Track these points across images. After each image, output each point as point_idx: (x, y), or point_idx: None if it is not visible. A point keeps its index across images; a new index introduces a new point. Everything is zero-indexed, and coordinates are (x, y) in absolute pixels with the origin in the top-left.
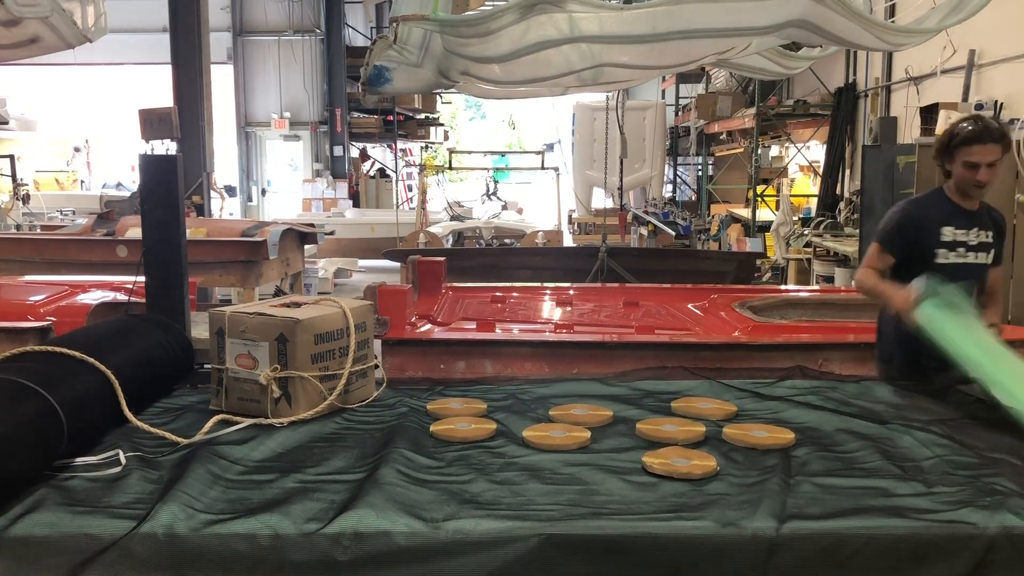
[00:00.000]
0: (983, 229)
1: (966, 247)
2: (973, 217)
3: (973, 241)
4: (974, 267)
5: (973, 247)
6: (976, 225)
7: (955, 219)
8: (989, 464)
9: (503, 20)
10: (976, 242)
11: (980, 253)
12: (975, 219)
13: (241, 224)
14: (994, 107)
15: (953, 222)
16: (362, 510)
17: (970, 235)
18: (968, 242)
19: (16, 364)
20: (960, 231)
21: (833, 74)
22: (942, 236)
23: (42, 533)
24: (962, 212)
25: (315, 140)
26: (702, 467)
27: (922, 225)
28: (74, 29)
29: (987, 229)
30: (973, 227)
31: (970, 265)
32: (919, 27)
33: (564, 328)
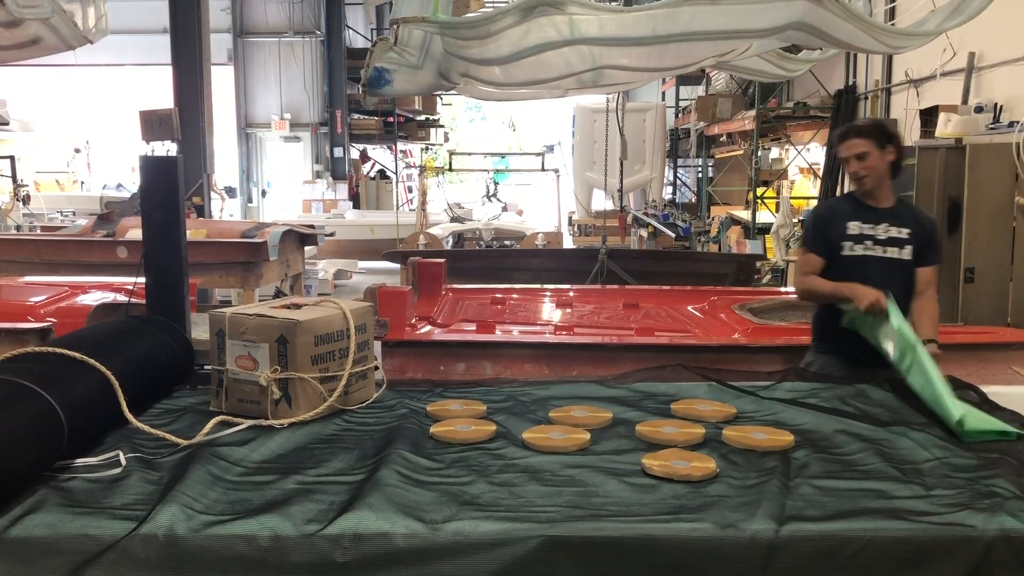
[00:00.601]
0: (895, 225)
1: (874, 240)
2: (883, 213)
3: (882, 235)
4: (886, 261)
5: (882, 241)
6: (886, 221)
7: (861, 214)
8: (988, 466)
9: (503, 22)
10: (885, 236)
11: (891, 248)
12: (885, 215)
13: (241, 225)
14: (994, 110)
15: (859, 217)
16: (362, 511)
17: (878, 229)
18: (876, 236)
19: (16, 365)
20: (867, 225)
21: (833, 76)
22: (848, 229)
23: (42, 534)
24: (869, 208)
25: (315, 141)
26: (702, 469)
27: (831, 221)
28: (75, 30)
29: (901, 225)
30: (882, 222)
31: (880, 259)
32: (919, 30)
33: (564, 330)
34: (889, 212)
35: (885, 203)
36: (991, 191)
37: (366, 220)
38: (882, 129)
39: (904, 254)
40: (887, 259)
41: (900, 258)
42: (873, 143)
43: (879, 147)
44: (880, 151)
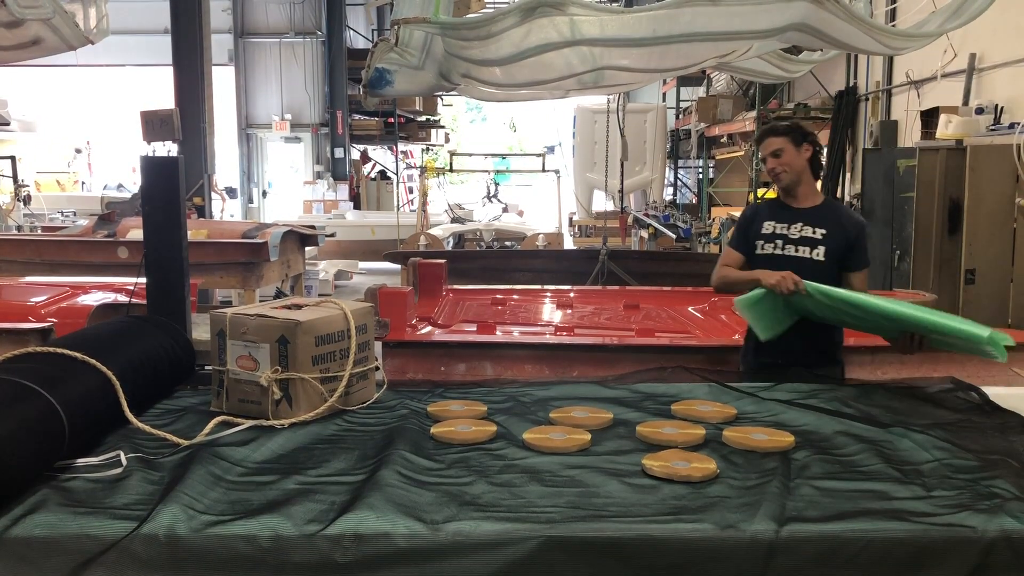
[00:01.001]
0: (810, 225)
1: (785, 240)
2: (800, 213)
3: (794, 235)
4: (795, 260)
5: (793, 240)
6: (802, 220)
7: (778, 214)
8: (988, 467)
9: (504, 23)
10: (797, 236)
11: (802, 247)
12: (802, 215)
13: (242, 226)
14: (995, 111)
15: (775, 217)
16: (362, 512)
17: (792, 228)
18: (788, 235)
19: (17, 365)
20: (781, 224)
21: (834, 78)
22: (763, 228)
23: (43, 534)
24: (787, 208)
25: (316, 142)
26: (702, 470)
27: (752, 221)
28: (76, 31)
29: (817, 226)
30: (797, 222)
31: (789, 257)
32: (920, 31)
33: (564, 331)
34: (807, 212)
35: (805, 203)
36: (992, 192)
37: (367, 221)
38: (798, 128)
39: (816, 254)
40: (796, 258)
41: (811, 258)
42: (788, 140)
43: (795, 144)
44: (796, 148)
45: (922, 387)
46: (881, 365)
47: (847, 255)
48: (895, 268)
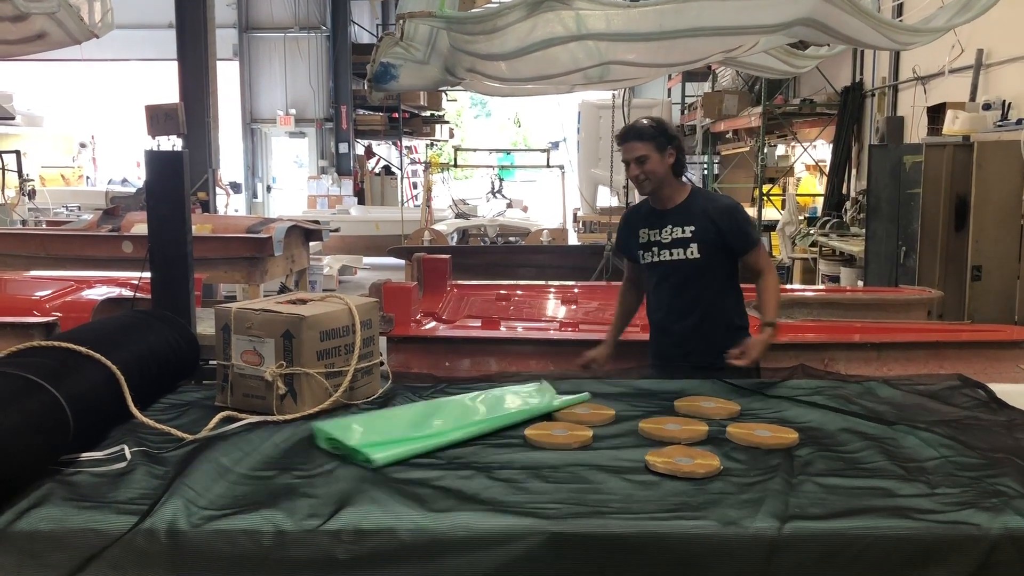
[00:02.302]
0: (678, 225)
1: (659, 246)
2: (668, 215)
3: (666, 239)
4: (677, 264)
5: (666, 244)
6: (670, 222)
7: (648, 220)
8: (993, 465)
9: (510, 17)
10: (669, 239)
11: (677, 249)
12: (670, 216)
13: (246, 221)
14: (1002, 107)
15: (646, 224)
16: (365, 506)
17: (663, 233)
18: (661, 240)
19: (22, 359)
20: (653, 231)
21: (840, 73)
22: (639, 238)
23: (47, 528)
24: (655, 213)
25: (320, 137)
26: (705, 466)
27: (628, 231)
28: (81, 25)
29: (684, 223)
30: (666, 225)
31: (668, 263)
32: (927, 26)
33: (569, 326)
34: (674, 212)
35: (671, 203)
36: (999, 189)
37: (371, 216)
38: (663, 130)
39: (690, 253)
40: (674, 262)
41: (686, 258)
42: (653, 146)
43: (659, 150)
44: (660, 155)
45: (928, 384)
46: (887, 362)
47: (725, 242)
48: (901, 264)
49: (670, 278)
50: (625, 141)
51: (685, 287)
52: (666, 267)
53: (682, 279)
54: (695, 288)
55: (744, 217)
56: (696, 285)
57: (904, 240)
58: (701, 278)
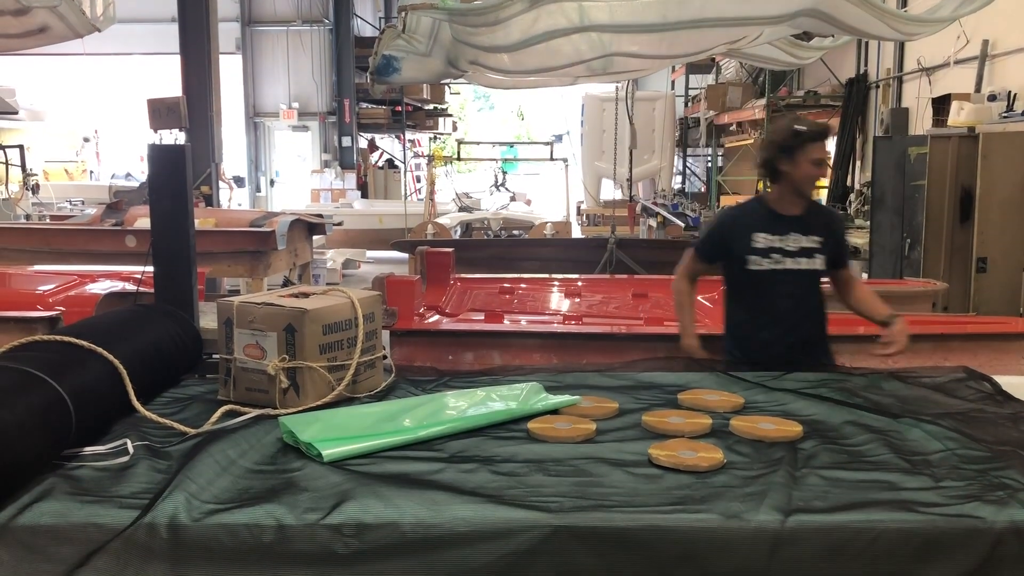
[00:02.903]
0: (805, 234)
1: (783, 253)
2: (792, 223)
3: (792, 247)
4: (796, 274)
5: (792, 253)
6: (795, 230)
7: (770, 225)
8: (999, 458)
9: (512, 9)
10: (796, 247)
11: (803, 259)
12: (794, 224)
13: (249, 214)
14: (1007, 98)
15: (767, 228)
16: (367, 500)
17: (787, 240)
18: (785, 248)
19: (25, 353)
20: (775, 237)
21: (844, 65)
22: (754, 243)
23: (50, 522)
24: (779, 218)
25: (323, 131)
26: (709, 459)
27: (734, 232)
28: (83, 19)
29: (812, 234)
30: (791, 232)
31: (791, 271)
32: (932, 16)
33: (573, 319)
34: (798, 220)
35: (795, 209)
36: (1004, 180)
37: (374, 210)
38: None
39: (816, 263)
40: (799, 271)
41: (812, 268)
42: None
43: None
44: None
45: (934, 376)
46: None
47: (836, 256)
48: (906, 257)
49: (788, 286)
50: (822, 139)
51: (804, 297)
52: (789, 276)
53: (803, 289)
54: (813, 299)
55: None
56: (814, 296)
57: (909, 232)
58: (816, 290)
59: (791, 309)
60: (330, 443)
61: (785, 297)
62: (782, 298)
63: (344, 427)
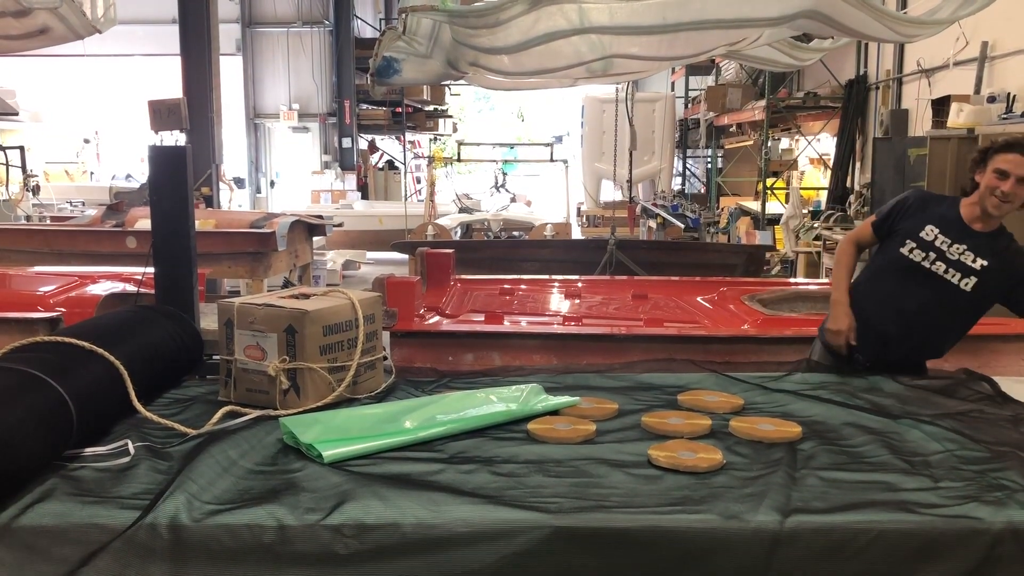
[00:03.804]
0: (973, 251)
1: (940, 256)
2: (970, 235)
3: (952, 255)
4: (939, 281)
5: (950, 260)
6: (967, 243)
7: (947, 225)
8: (998, 459)
9: (512, 11)
10: (956, 258)
11: (956, 272)
12: (971, 238)
13: (250, 216)
14: (1007, 99)
15: (942, 225)
16: (367, 500)
17: (952, 248)
18: (946, 253)
19: (26, 354)
20: (945, 237)
21: (844, 66)
22: (922, 231)
23: (51, 523)
24: (960, 224)
25: (324, 132)
26: (708, 460)
27: (914, 212)
28: (83, 20)
29: (981, 255)
30: (963, 241)
31: (934, 276)
32: (932, 18)
33: (573, 321)
34: (979, 237)
35: (983, 226)
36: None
37: (374, 211)
38: None
39: (964, 283)
40: (941, 279)
41: (956, 284)
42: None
43: None
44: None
45: (933, 377)
46: None
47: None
48: None
49: (924, 289)
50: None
51: (931, 307)
52: (930, 278)
53: (935, 299)
54: (937, 314)
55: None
56: (941, 312)
57: None
58: (952, 309)
59: (914, 314)
60: (331, 444)
61: (912, 297)
62: (908, 294)
63: (345, 428)
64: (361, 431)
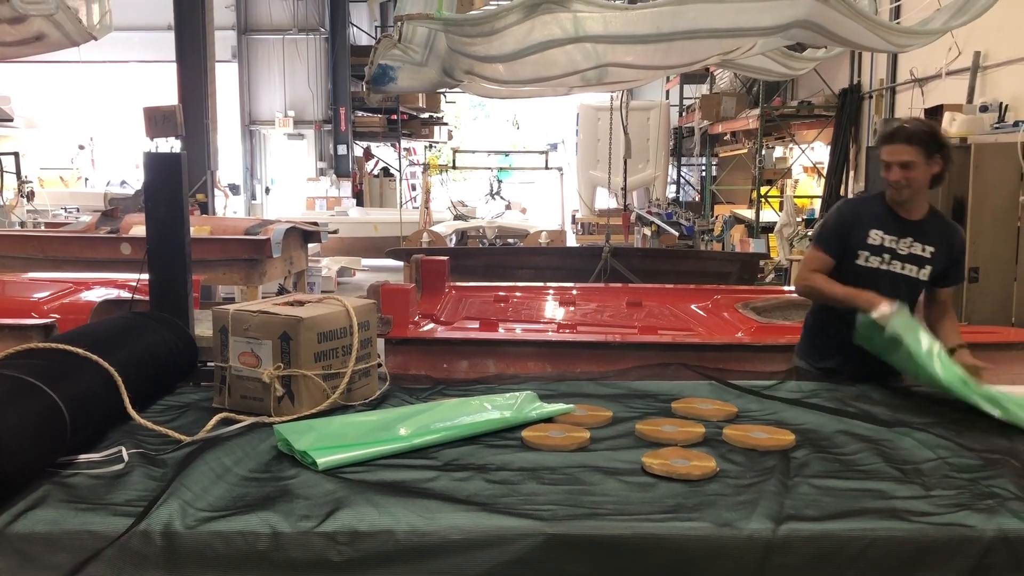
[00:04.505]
0: (920, 241)
1: (893, 255)
2: (910, 226)
3: (903, 251)
4: (900, 278)
5: (901, 256)
6: (912, 235)
7: (887, 224)
8: (990, 466)
9: (507, 19)
10: (907, 252)
11: (911, 265)
12: (912, 229)
13: (245, 222)
14: (999, 109)
15: (884, 227)
16: (361, 508)
17: (901, 243)
18: (897, 250)
19: (20, 361)
20: (889, 236)
21: (838, 75)
22: (868, 238)
23: (44, 530)
24: (897, 219)
25: (319, 139)
26: (701, 468)
27: (853, 224)
28: (79, 26)
29: (927, 243)
30: (907, 236)
31: (895, 275)
32: (924, 28)
33: (567, 328)
34: (917, 225)
35: (916, 214)
36: (996, 190)
37: (370, 218)
38: (933, 136)
39: (922, 274)
40: (901, 276)
41: (916, 277)
42: (922, 153)
43: (927, 157)
44: (927, 162)
45: (926, 385)
46: None
47: (947, 272)
48: None
49: (889, 291)
50: (893, 142)
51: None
52: (891, 279)
53: (901, 298)
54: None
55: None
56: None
57: None
58: (913, 302)
59: None
60: (325, 451)
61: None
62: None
63: (339, 435)
64: (356, 438)
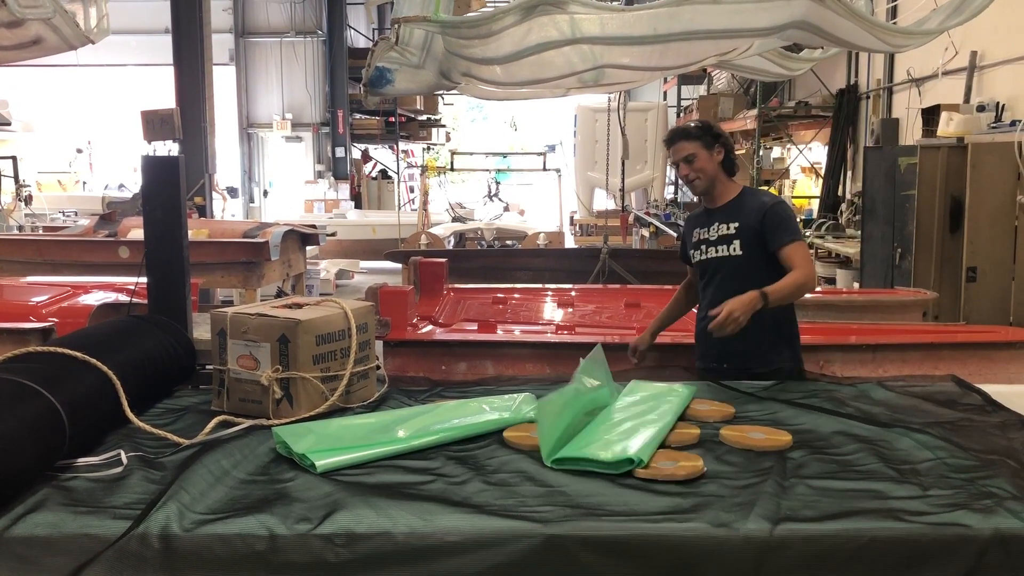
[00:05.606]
0: (723, 222)
1: (707, 243)
2: (716, 213)
3: (713, 236)
4: (716, 261)
5: (713, 242)
6: (717, 220)
7: (700, 221)
8: (987, 466)
9: (504, 21)
10: (716, 236)
11: (722, 246)
12: (718, 214)
13: (243, 225)
14: (996, 109)
15: (699, 224)
16: (358, 510)
17: (710, 231)
18: (708, 239)
19: (18, 364)
20: (702, 230)
21: (835, 76)
22: (693, 239)
23: (43, 533)
24: (707, 212)
25: (317, 141)
26: (687, 468)
27: (686, 235)
28: (76, 30)
29: (730, 221)
30: (713, 223)
31: (711, 260)
32: (921, 28)
33: (566, 329)
34: (722, 210)
35: (721, 201)
36: (993, 190)
37: (368, 220)
38: (708, 129)
39: (732, 249)
40: (719, 258)
41: (729, 254)
42: (700, 145)
43: (707, 148)
44: (708, 152)
45: (923, 385)
46: (882, 363)
47: (765, 236)
48: (896, 266)
49: (715, 276)
50: (673, 142)
51: (728, 285)
52: (712, 263)
53: (726, 276)
54: (737, 286)
55: (785, 214)
56: (739, 283)
57: (899, 242)
58: (745, 277)
59: (716, 297)
60: (324, 454)
61: (713, 286)
62: (710, 288)
63: (338, 438)
64: (354, 440)
